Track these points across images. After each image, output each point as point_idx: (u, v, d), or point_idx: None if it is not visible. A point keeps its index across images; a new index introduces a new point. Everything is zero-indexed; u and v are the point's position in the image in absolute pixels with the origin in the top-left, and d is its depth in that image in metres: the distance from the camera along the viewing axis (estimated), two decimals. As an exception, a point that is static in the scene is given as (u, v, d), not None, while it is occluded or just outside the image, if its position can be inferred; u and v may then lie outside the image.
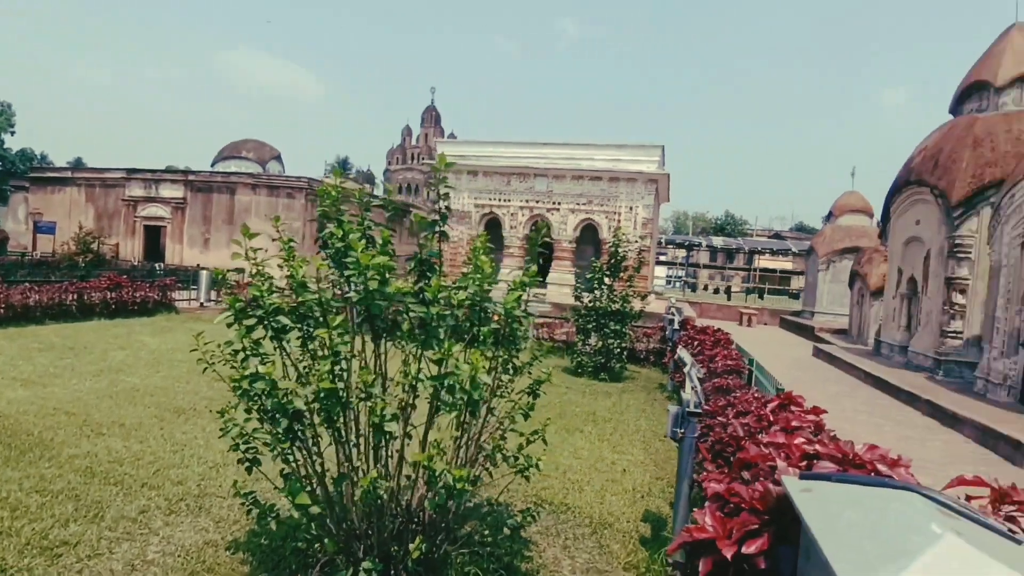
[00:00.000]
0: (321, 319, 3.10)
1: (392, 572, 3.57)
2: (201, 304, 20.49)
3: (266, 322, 3.24)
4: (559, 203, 26.81)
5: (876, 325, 19.42)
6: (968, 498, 2.55)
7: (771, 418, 4.50)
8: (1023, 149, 13.25)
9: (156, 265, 30.67)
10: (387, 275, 3.19)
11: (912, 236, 15.88)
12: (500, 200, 27.66)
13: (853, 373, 15.20)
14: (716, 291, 52.15)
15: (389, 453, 3.65)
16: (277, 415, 2.98)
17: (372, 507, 3.51)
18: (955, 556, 1.62)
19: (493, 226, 28.02)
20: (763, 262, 70.74)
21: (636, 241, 13.53)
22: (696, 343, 10.91)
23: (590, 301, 12.78)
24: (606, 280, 12.72)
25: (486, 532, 4.72)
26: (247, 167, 36.70)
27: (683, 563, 3.40)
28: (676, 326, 12.58)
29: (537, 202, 27.15)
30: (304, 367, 3.52)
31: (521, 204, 27.38)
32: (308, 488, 3.63)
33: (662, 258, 71.37)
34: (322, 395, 2.88)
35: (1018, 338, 11.01)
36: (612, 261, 12.59)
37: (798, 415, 4.43)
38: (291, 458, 3.47)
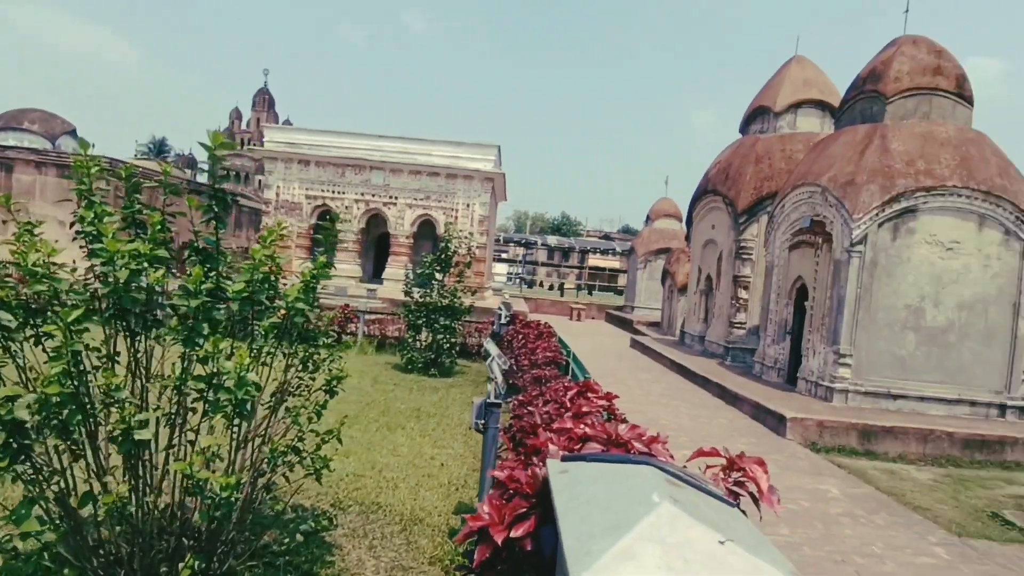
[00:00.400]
0: (54, 314, 2.66)
1: (159, 597, 3.20)
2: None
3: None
4: (396, 197, 26.35)
5: (682, 318, 21.69)
6: (707, 467, 2.86)
7: (569, 405, 4.77)
8: (793, 167, 15.55)
9: None
10: (145, 264, 2.84)
11: (709, 239, 17.95)
12: (334, 192, 26.50)
13: (662, 361, 16.81)
14: (551, 287, 54.84)
15: (155, 464, 3.27)
16: (-8, 428, 2.50)
17: (132, 527, 3.12)
18: (666, 522, 1.77)
19: (327, 219, 26.79)
20: (594, 261, 75.85)
21: (466, 237, 13.68)
22: (521, 337, 11.33)
23: (421, 296, 12.71)
24: (437, 276, 12.73)
25: (286, 540, 4.45)
26: (30, 141, 31.20)
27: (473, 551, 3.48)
28: (504, 320, 12.96)
29: (373, 195, 26.44)
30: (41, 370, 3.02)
31: (356, 197, 26.48)
32: (63, 513, 3.13)
33: (503, 255, 73.48)
34: (52, 401, 2.47)
35: (785, 327, 12.91)
36: (442, 256, 12.63)
37: (591, 401, 4.73)
38: (35, 479, 2.95)
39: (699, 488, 2.18)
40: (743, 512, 2.55)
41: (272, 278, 3.74)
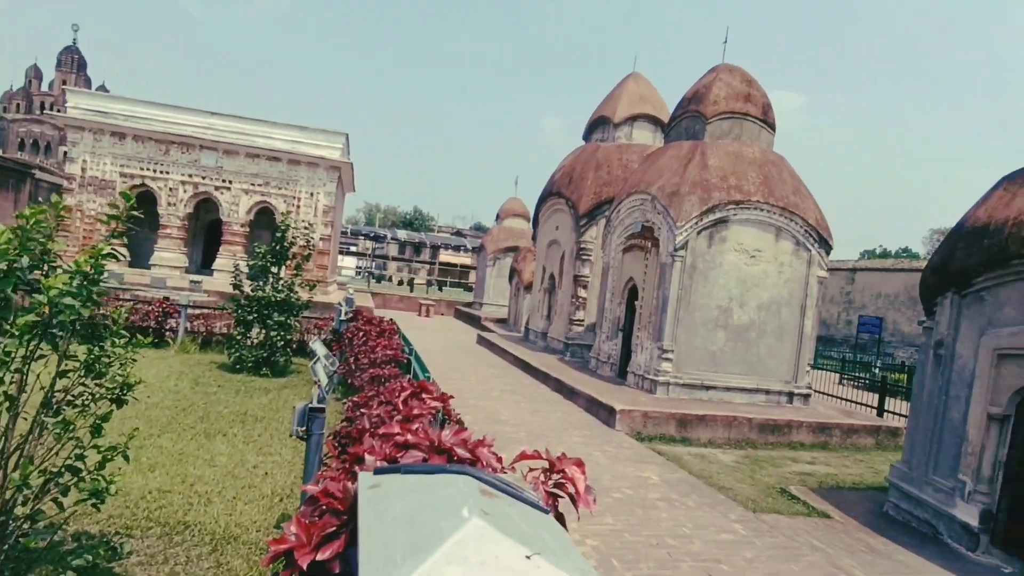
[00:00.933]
0: None
1: None
2: None
3: None
4: (230, 182, 24.18)
5: (527, 315, 22.40)
6: (530, 470, 2.85)
7: (401, 407, 4.59)
8: (629, 175, 16.67)
9: None
10: None
11: (553, 239, 18.69)
12: (155, 171, 23.67)
13: (506, 357, 17.19)
14: (400, 283, 53.95)
15: None
16: None
17: None
18: (473, 539, 1.67)
19: (147, 201, 23.84)
20: (446, 257, 75.96)
21: (306, 227, 12.88)
22: (362, 334, 10.90)
23: (252, 290, 11.72)
24: (272, 268, 11.83)
25: (61, 577, 3.78)
26: None
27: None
28: (345, 317, 12.39)
29: (203, 178, 24.03)
30: None
31: (183, 178, 23.88)
32: None
33: (352, 249, 71.02)
34: None
35: (618, 324, 13.81)
36: (278, 248, 11.76)
37: (424, 403, 4.59)
38: None
39: (514, 496, 2.14)
40: (560, 515, 2.56)
41: (44, 265, 3.14)
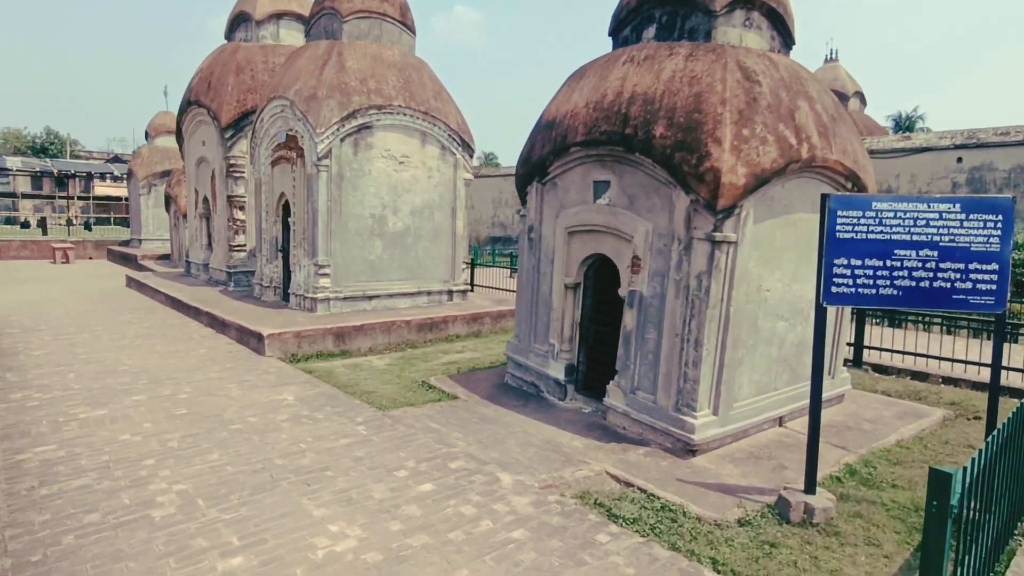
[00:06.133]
0: None
1: None
2: None
3: None
4: None
5: (188, 246, 19.65)
6: None
7: None
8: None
9: None
10: None
11: (201, 157, 16.30)
12: None
13: (157, 297, 14.89)
14: (25, 224, 42.76)
15: None
16: None
17: None
18: None
19: None
20: (103, 189, 62.61)
21: None
22: None
23: None
24: None
25: None
26: None
27: None
28: None
29: None
30: None
31: None
32: None
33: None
34: None
35: (276, 245, 12.84)
36: None
37: None
38: None
39: None
40: None
41: None
